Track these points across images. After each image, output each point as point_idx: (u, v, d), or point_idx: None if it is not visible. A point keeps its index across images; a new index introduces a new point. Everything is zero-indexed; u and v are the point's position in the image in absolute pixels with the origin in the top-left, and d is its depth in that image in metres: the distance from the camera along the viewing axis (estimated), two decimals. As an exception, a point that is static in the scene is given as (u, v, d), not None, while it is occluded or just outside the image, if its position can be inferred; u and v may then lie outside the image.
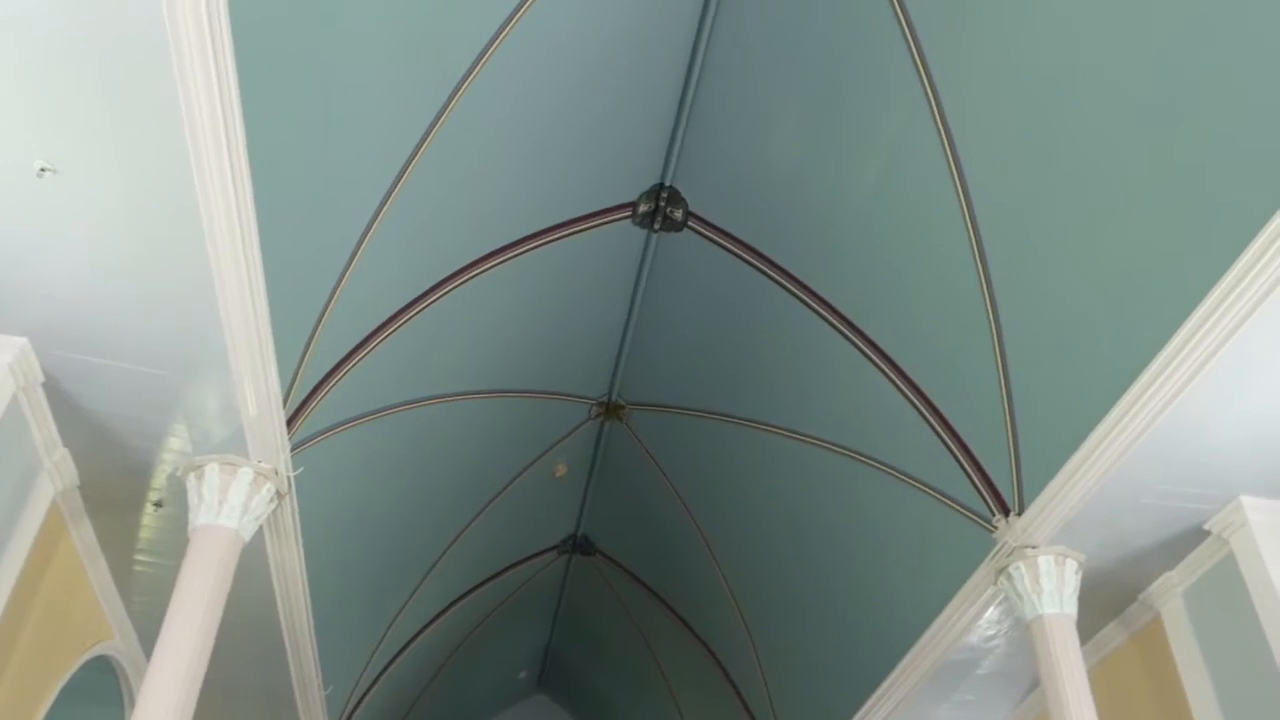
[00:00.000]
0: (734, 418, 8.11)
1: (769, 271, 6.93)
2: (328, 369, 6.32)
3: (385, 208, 5.68)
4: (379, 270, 6.03)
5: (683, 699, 11.69)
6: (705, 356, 8.00)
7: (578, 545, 11.21)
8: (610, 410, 8.99)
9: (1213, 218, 4.44)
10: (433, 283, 6.64)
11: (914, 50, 5.42)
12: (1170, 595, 5.88)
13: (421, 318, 6.72)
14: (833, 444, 7.35)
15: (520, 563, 11.07)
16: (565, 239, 7.00)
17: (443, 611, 10.72)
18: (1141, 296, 4.90)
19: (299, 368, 5.97)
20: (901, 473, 6.83)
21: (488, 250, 6.77)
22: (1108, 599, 6.06)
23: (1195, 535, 5.58)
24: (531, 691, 15.13)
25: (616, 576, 11.28)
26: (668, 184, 6.94)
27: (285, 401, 5.90)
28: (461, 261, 6.69)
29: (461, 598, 10.87)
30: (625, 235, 7.25)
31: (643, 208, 7.06)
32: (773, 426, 7.82)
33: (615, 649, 12.62)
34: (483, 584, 10.98)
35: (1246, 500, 5.31)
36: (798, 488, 7.99)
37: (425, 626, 10.62)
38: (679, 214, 7.07)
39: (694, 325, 7.86)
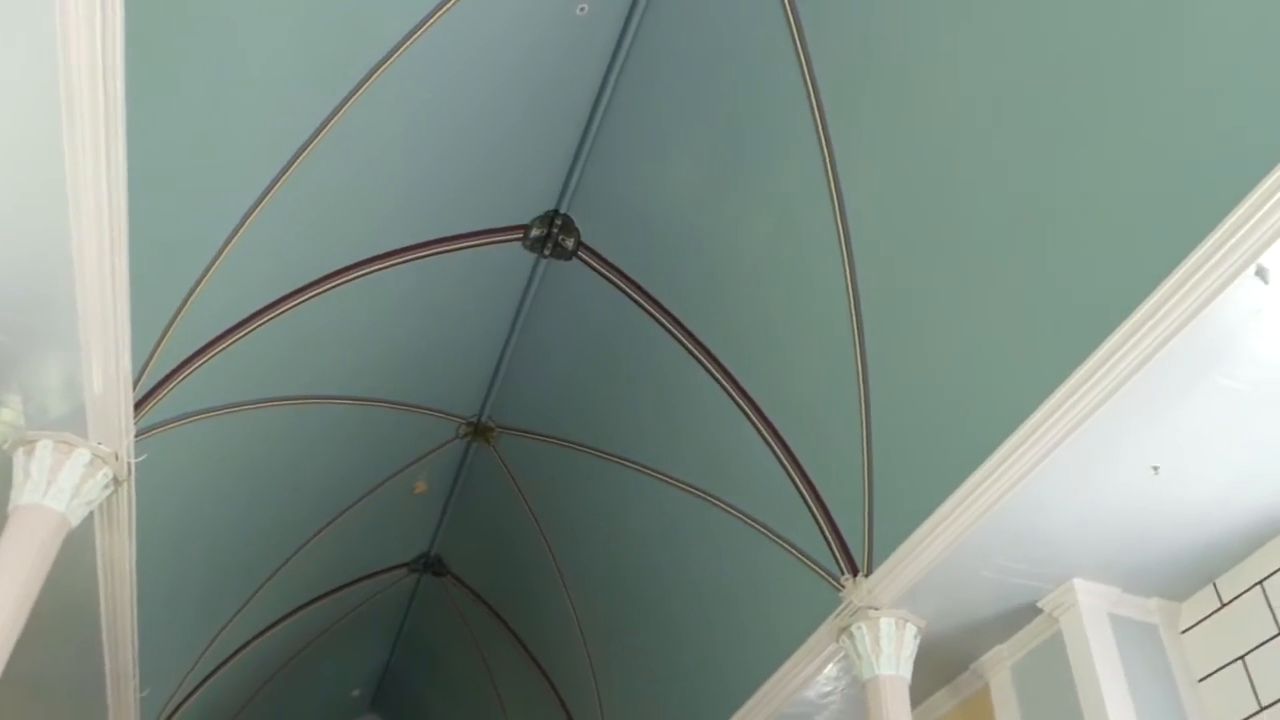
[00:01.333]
0: (601, 452, 8.10)
1: (652, 311, 6.97)
2: (188, 354, 6.05)
3: (270, 194, 5.49)
4: (256, 258, 5.82)
5: (517, 733, 11.51)
6: (580, 388, 7.98)
7: (429, 565, 10.96)
8: (479, 431, 8.86)
9: (1070, 318, 4.71)
10: (312, 278, 6.44)
11: (817, 115, 5.57)
12: (1000, 667, 6.08)
13: (296, 313, 6.51)
14: (695, 488, 7.40)
15: (368, 577, 10.75)
16: (453, 253, 6.90)
17: (279, 620, 10.30)
18: (1002, 382, 5.13)
19: (155, 349, 5.69)
20: (759, 523, 6.92)
21: (373, 253, 6.61)
22: (941, 665, 6.22)
23: (1028, 611, 5.80)
24: (363, 711, 14.64)
25: (465, 600, 11.06)
26: (563, 211, 6.93)
27: (136, 383, 5.61)
28: (344, 261, 6.51)
29: (301, 608, 10.47)
30: (514, 257, 7.19)
31: (535, 232, 7.03)
32: (638, 465, 7.83)
33: (455, 674, 12.34)
34: (326, 595, 10.61)
35: (1079, 583, 5.55)
36: (657, 528, 8.01)
37: (259, 635, 10.18)
38: (570, 243, 7.06)
39: (572, 356, 7.84)
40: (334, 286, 6.52)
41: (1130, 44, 4.30)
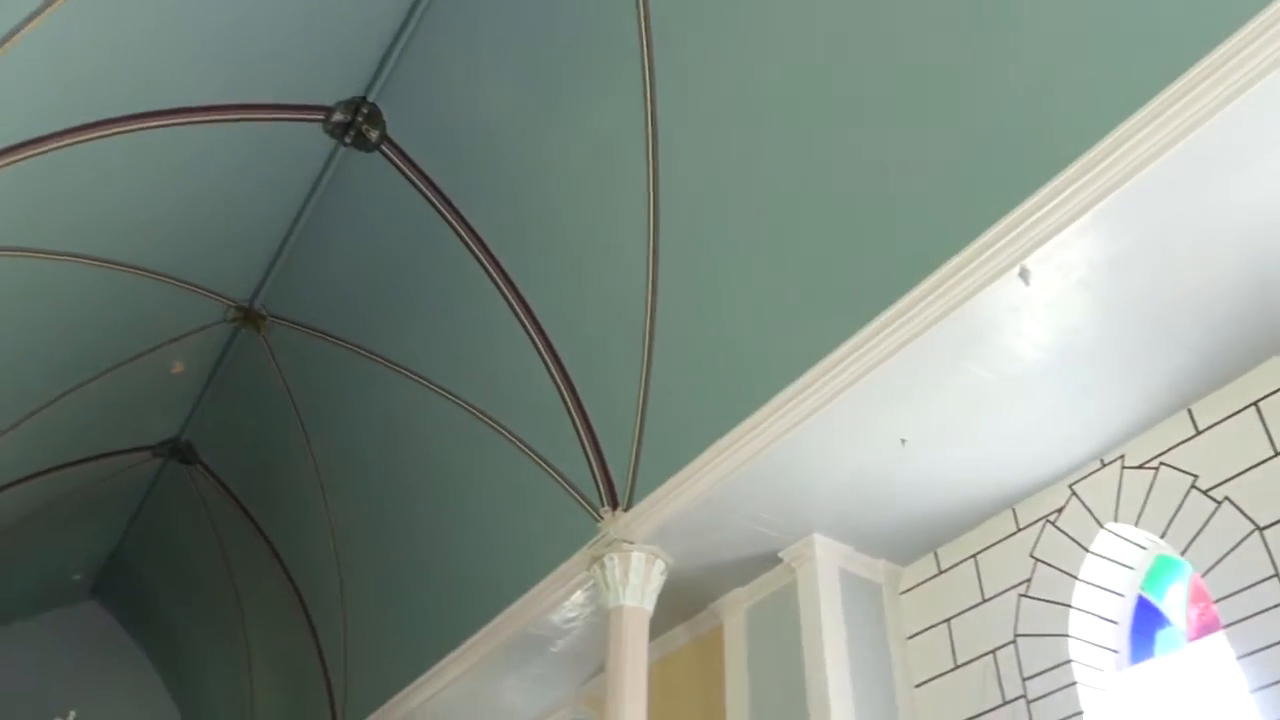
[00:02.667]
0: (377, 356, 7.85)
1: (451, 220, 6.78)
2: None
3: (43, 14, 4.89)
4: (16, 85, 5.20)
5: (253, 635, 11.13)
6: (363, 288, 7.68)
7: (177, 451, 10.34)
8: (249, 318, 8.38)
9: (849, 291, 4.97)
10: (83, 121, 5.85)
11: (645, 56, 5.55)
12: (736, 609, 6.40)
13: (60, 157, 5.91)
14: (469, 404, 7.32)
15: (105, 456, 10.02)
16: (244, 123, 6.44)
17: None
18: (779, 341, 5.35)
19: None
20: (528, 447, 6.94)
21: (158, 107, 6.08)
22: (682, 602, 6.47)
23: (769, 560, 6.10)
24: (83, 597, 13.72)
25: (212, 493, 10.54)
26: (371, 100, 6.59)
27: None
28: (124, 109, 5.95)
29: (27, 479, 9.67)
30: (311, 140, 6.79)
31: (338, 117, 6.66)
32: (414, 373, 7.66)
33: (191, 568, 11.77)
34: (55, 469, 9.82)
35: (818, 538, 5.89)
36: (425, 440, 7.88)
37: (-29, 503, 9.35)
38: (374, 135, 6.73)
39: (360, 253, 7.52)
40: (107, 135, 5.95)
41: (936, 48, 4.53)
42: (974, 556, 5.77)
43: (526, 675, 7.55)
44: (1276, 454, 4.54)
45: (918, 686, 5.76)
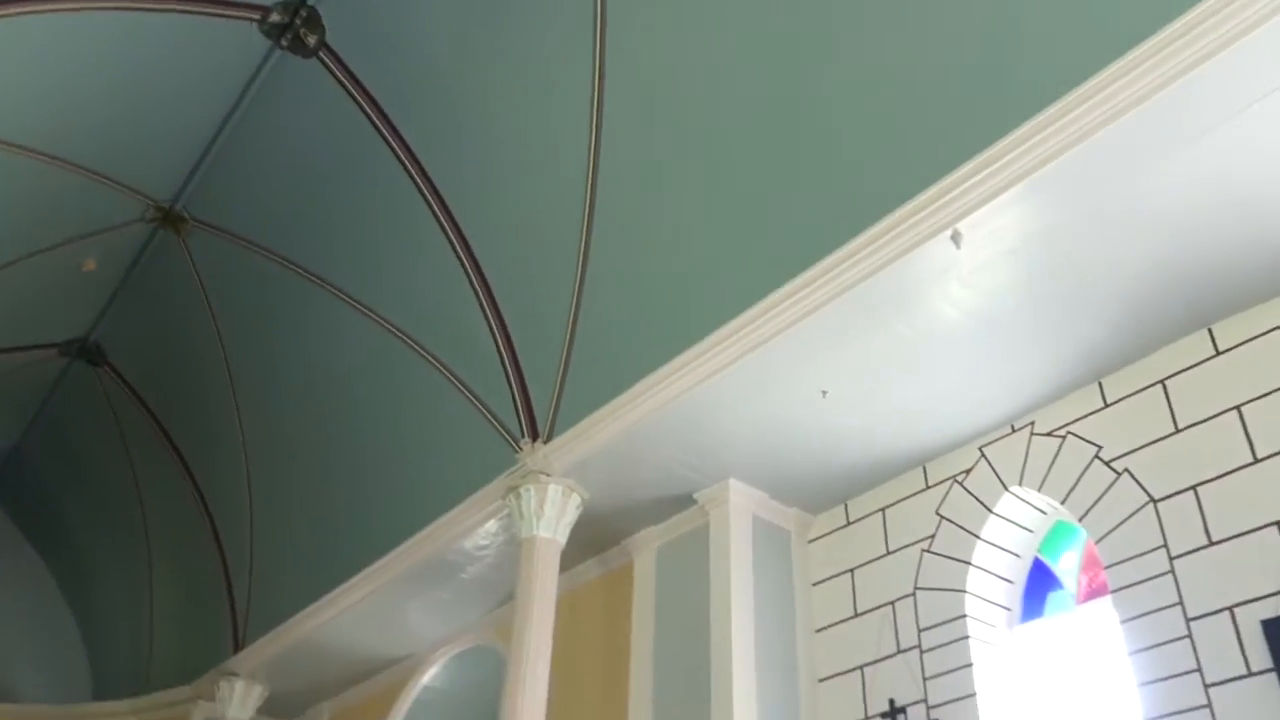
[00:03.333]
0: (301, 268, 7.66)
1: (385, 133, 6.61)
2: None
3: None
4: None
5: (157, 545, 10.90)
6: (292, 198, 7.46)
7: (85, 352, 9.99)
8: (169, 219, 8.08)
9: (783, 239, 5.00)
10: (-1, -2, 5.53)
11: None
12: (647, 547, 6.48)
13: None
14: (394, 326, 7.21)
15: (8, 350, 9.65)
16: (178, 14, 6.15)
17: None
18: (710, 284, 5.36)
19: None
20: (452, 373, 6.87)
21: (79, -13, 5.77)
22: (594, 537, 6.53)
23: (684, 501, 6.18)
24: (-24, 497, 13.32)
25: (121, 397, 10.23)
26: (309, 3, 6.34)
27: None
28: (39, -14, 5.64)
29: (-78, 370, 9.31)
30: (246, 39, 6.52)
31: (275, 17, 6.40)
32: (339, 290, 7.49)
33: (96, 474, 11.45)
34: (-51, 361, 9.46)
35: (734, 483, 5.98)
36: (346, 358, 7.75)
37: None
38: (313, 40, 6.50)
39: (291, 162, 7.29)
40: (21, 13, 5.62)
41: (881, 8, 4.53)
42: (882, 510, 5.92)
43: (434, 600, 7.57)
44: (1177, 431, 4.72)
45: (818, 631, 5.92)
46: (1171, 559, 4.52)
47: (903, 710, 5.27)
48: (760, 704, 5.47)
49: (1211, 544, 4.42)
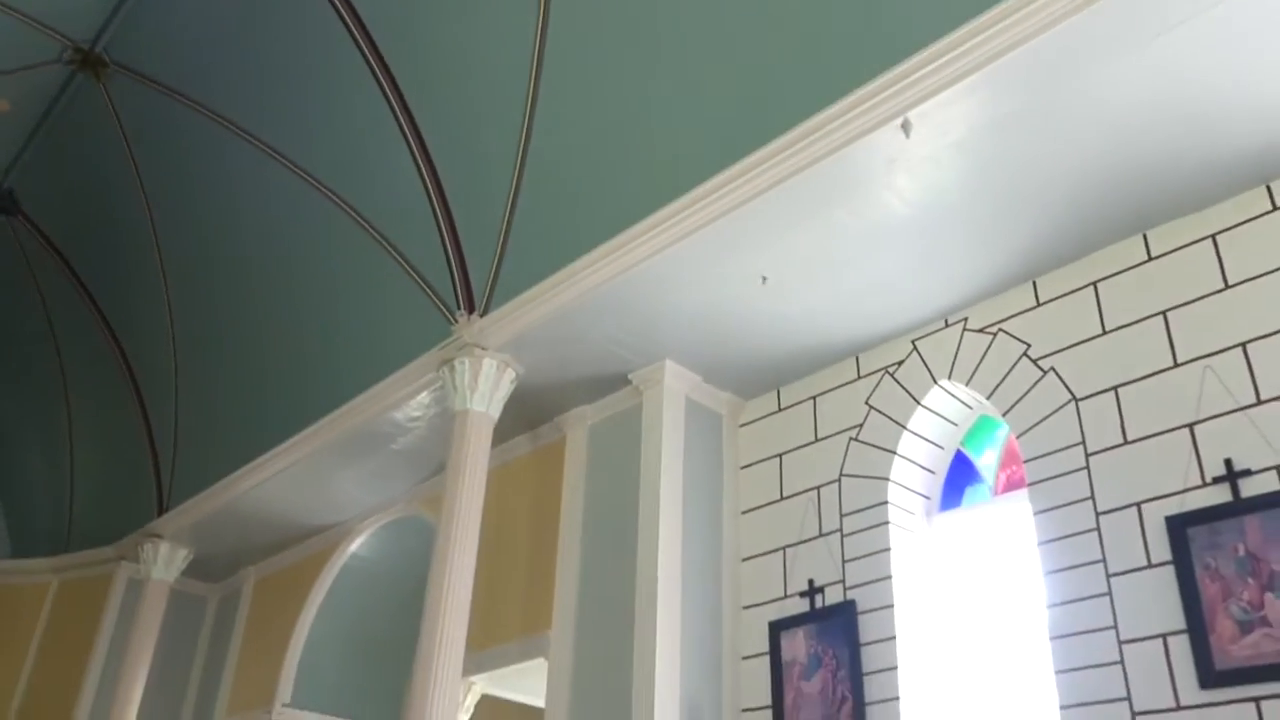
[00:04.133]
0: (232, 123, 7.34)
1: (328, -11, 6.28)
2: None
3: None
4: None
5: (77, 403, 10.65)
6: (222, 47, 7.09)
7: (-1, 199, 9.56)
8: (88, 62, 7.65)
9: (733, 120, 4.90)
10: None
11: None
12: (580, 425, 6.51)
13: None
14: (328, 188, 6.98)
15: (-91, 199, 9.19)
16: None
17: None
18: (656, 162, 5.27)
19: None
20: (388, 241, 6.72)
21: None
22: (527, 412, 6.53)
23: (618, 381, 6.19)
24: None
25: (36, 247, 9.83)
26: None
27: None
28: None
29: None
30: None
31: None
32: (271, 148, 7.20)
33: (10, 331, 11.09)
34: None
35: (669, 364, 6.00)
36: (275, 216, 7.50)
37: None
38: (246, -124, 6.09)
39: (222, 7, 6.90)
40: None
41: None
42: (813, 398, 6.00)
43: (363, 470, 7.56)
44: (1104, 333, 4.83)
45: (744, 513, 6.06)
46: (1088, 456, 4.68)
47: (820, 590, 5.46)
48: (684, 580, 5.62)
49: (1126, 443, 4.57)
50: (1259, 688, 3.86)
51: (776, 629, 5.57)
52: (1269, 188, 4.50)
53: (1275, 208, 4.46)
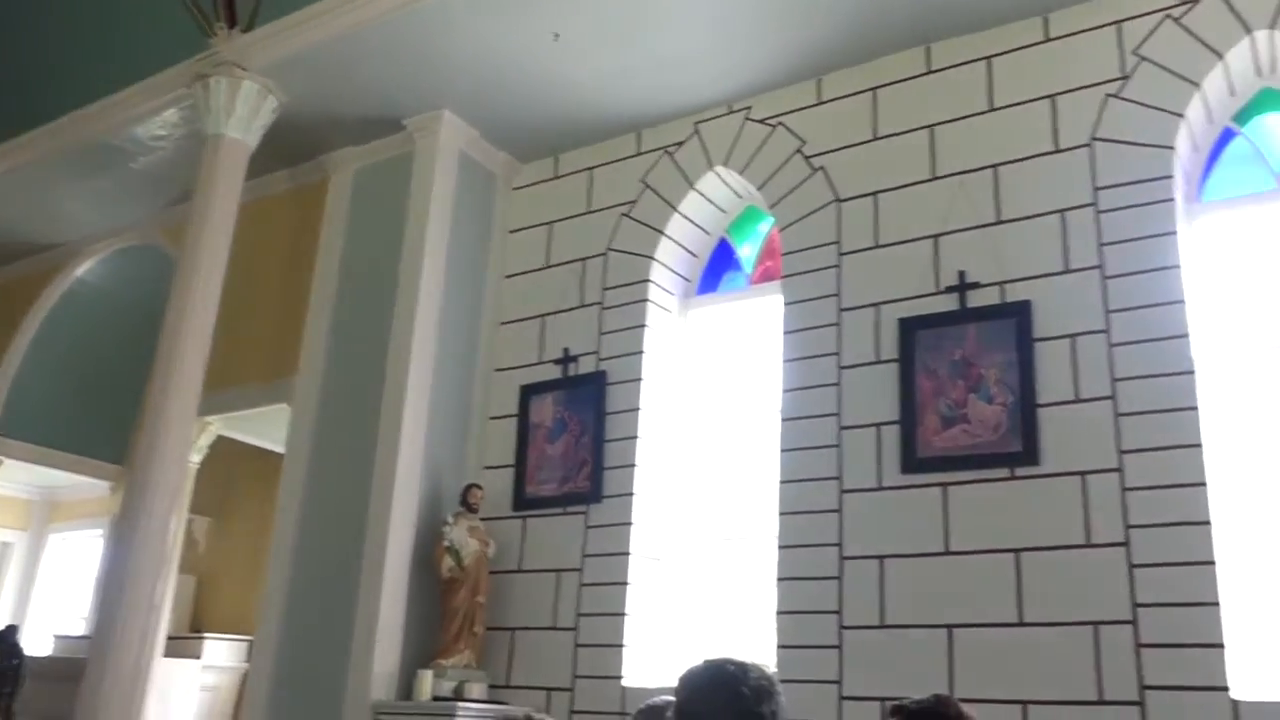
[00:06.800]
0: None
1: None
2: None
3: None
4: None
5: None
6: None
7: None
8: None
9: None
10: None
11: None
12: (345, 166, 6.15)
13: None
14: None
15: None
16: None
17: None
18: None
19: None
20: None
21: None
22: (289, 146, 6.08)
23: (392, 125, 5.85)
24: None
25: None
26: None
27: None
28: None
29: None
30: None
31: None
32: None
33: None
34: None
35: (448, 115, 5.71)
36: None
37: None
38: None
39: None
40: None
41: None
42: (591, 170, 5.94)
43: (96, 188, 6.90)
44: (875, 139, 5.00)
45: (508, 277, 6.03)
46: (840, 255, 4.93)
47: (574, 359, 5.59)
48: (440, 338, 5.58)
49: (877, 246, 4.84)
50: (949, 475, 4.35)
51: (528, 393, 5.69)
52: (1046, 19, 4.69)
53: (1048, 39, 4.67)
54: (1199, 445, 3.89)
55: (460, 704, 4.75)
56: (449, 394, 5.63)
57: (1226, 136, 4.50)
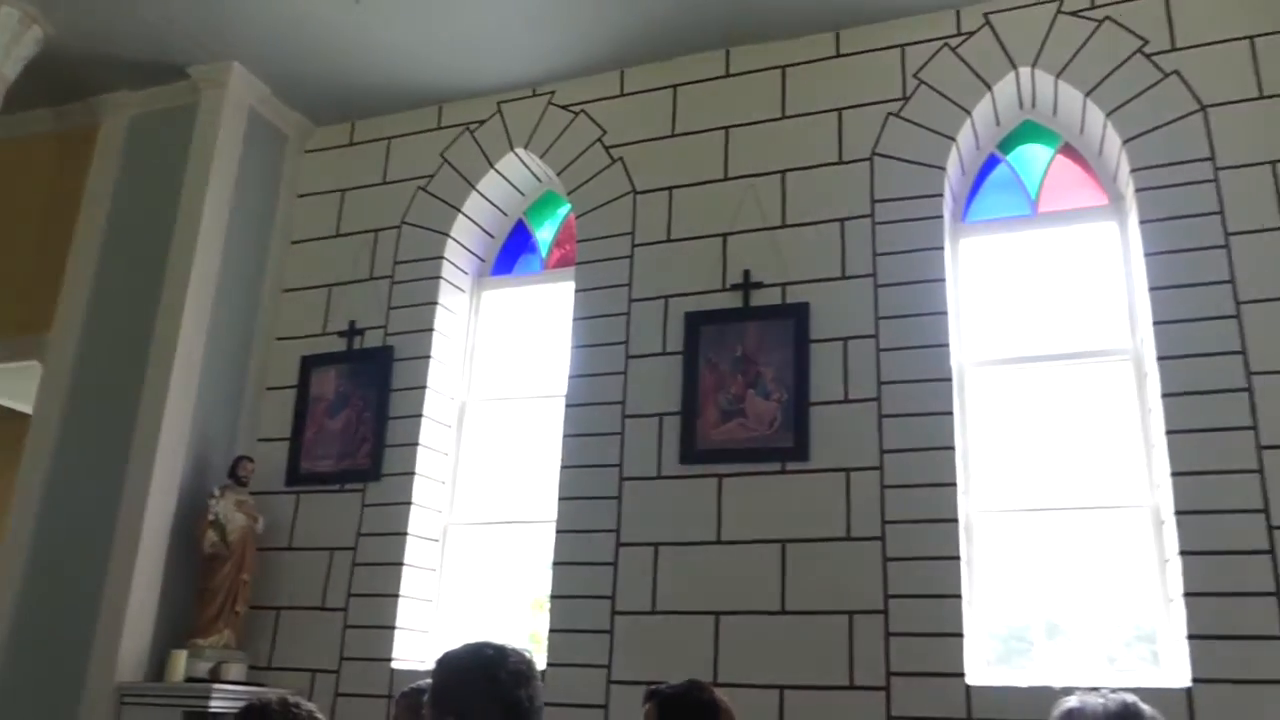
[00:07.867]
0: None
1: None
2: None
3: None
4: None
5: None
6: None
7: None
8: None
9: None
10: None
11: None
12: (120, 112, 5.71)
13: None
14: None
15: None
16: None
17: None
18: None
19: None
20: None
21: None
22: (55, 84, 5.59)
23: (174, 73, 5.48)
24: None
25: None
26: None
27: None
28: None
29: None
30: None
31: None
32: None
33: None
34: None
35: (238, 67, 5.41)
36: None
37: None
38: None
39: None
40: None
41: None
42: (388, 139, 5.77)
43: None
44: (673, 135, 5.11)
45: (295, 243, 5.78)
46: (634, 246, 5.00)
47: (360, 332, 5.43)
48: (216, 303, 5.30)
49: (669, 240, 4.95)
50: (724, 466, 4.50)
51: (309, 364, 5.48)
52: (838, 35, 4.91)
53: (839, 54, 4.90)
54: (952, 448, 4.19)
55: (215, 685, 4.53)
56: (223, 361, 5.34)
57: (992, 163, 4.86)
